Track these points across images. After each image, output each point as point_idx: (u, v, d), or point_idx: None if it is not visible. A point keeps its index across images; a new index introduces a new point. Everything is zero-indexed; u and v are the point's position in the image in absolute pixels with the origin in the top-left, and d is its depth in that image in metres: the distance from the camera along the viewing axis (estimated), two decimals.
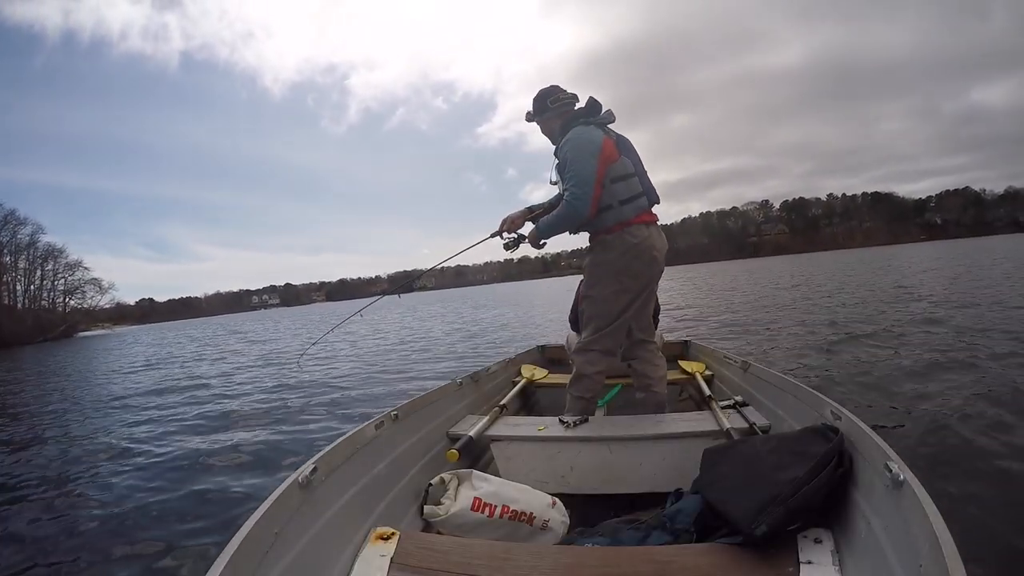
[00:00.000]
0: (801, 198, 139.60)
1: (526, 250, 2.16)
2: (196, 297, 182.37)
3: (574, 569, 1.05)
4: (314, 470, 1.14)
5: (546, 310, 15.32)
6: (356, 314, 2.49)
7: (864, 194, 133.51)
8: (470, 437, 1.75)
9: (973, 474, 2.16)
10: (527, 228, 2.12)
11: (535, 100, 2.05)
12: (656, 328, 2.77)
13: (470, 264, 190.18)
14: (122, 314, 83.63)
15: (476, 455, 1.82)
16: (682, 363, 2.90)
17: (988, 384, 3.52)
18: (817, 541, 1.03)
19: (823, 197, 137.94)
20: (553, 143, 2.05)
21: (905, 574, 0.82)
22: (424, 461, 1.65)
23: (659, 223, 2.01)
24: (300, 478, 1.09)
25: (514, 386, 2.63)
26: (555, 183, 2.06)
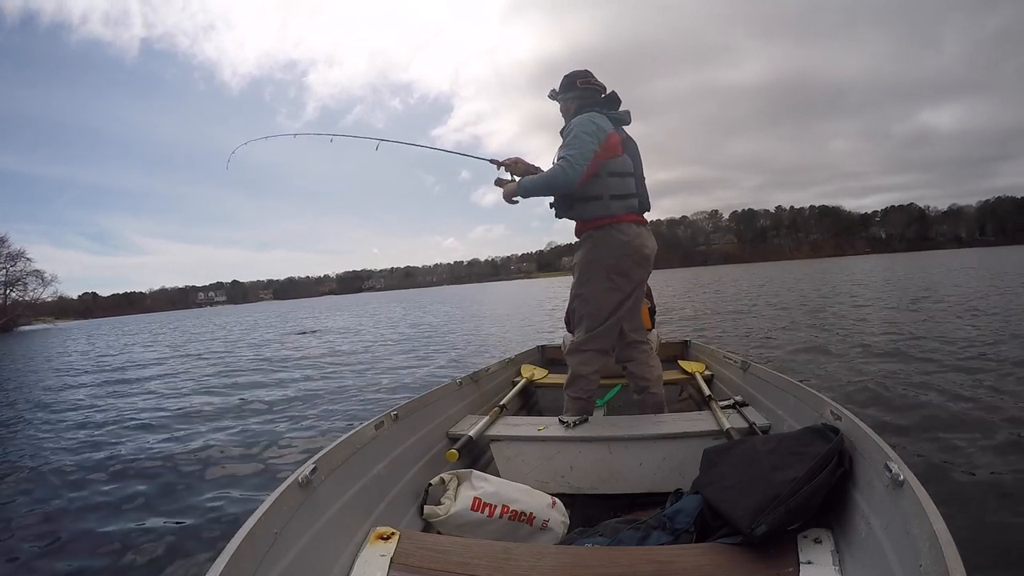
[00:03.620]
0: (750, 209, 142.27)
1: (477, 250, 2.08)
2: (140, 292, 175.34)
3: (574, 569, 1.05)
4: (314, 470, 1.14)
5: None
6: None
7: (812, 207, 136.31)
8: (470, 437, 1.75)
9: (973, 474, 2.17)
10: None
11: (565, 78, 2.03)
12: (653, 327, 2.77)
13: (420, 266, 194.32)
14: (64, 308, 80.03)
15: (476, 455, 1.82)
16: (682, 363, 2.90)
17: (988, 386, 3.53)
18: (817, 541, 1.03)
19: (772, 209, 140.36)
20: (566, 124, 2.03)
21: (905, 574, 0.82)
22: (424, 461, 1.65)
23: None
24: (300, 478, 1.09)
25: (514, 386, 2.63)
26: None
